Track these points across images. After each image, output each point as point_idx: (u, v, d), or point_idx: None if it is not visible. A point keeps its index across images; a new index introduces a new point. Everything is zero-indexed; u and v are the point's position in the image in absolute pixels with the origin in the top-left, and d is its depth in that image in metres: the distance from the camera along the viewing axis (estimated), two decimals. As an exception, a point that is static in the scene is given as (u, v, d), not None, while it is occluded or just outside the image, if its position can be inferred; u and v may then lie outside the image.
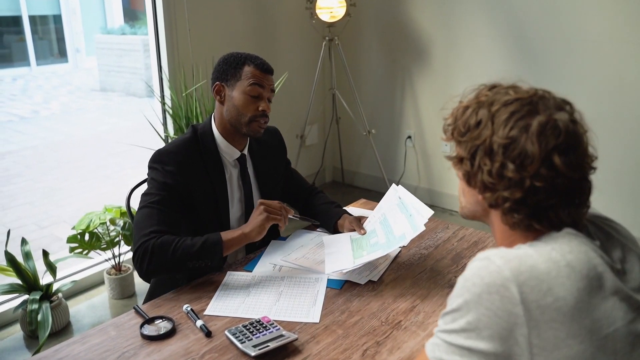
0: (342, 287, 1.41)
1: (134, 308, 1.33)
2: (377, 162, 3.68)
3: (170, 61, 2.99)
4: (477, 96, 0.86)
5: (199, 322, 1.25)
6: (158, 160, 1.48)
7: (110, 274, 2.72)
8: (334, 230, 1.67)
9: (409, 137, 3.77)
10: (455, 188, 1.51)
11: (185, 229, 1.52)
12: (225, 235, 1.42)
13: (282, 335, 1.18)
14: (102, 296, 2.77)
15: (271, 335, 1.18)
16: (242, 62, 1.53)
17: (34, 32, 10.90)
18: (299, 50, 3.74)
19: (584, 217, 0.84)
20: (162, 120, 3.06)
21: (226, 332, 1.20)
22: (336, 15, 3.34)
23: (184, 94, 2.83)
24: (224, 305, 1.34)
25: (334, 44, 3.50)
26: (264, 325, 1.22)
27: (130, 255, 2.82)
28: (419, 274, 1.48)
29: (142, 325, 1.24)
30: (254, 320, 1.23)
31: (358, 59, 3.87)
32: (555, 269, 0.74)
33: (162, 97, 3.04)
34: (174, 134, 2.91)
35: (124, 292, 2.73)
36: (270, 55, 3.59)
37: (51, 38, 11.66)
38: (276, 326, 1.22)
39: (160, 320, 1.26)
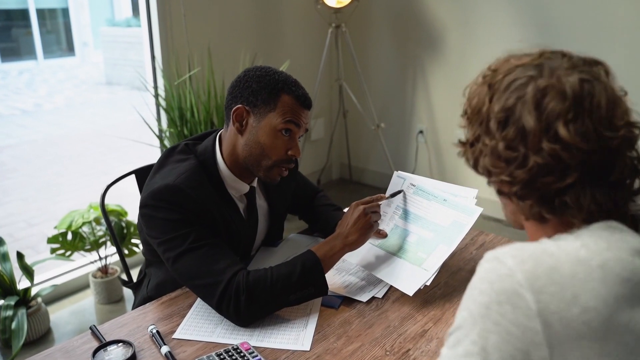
0: (339, 307, 1.19)
1: (91, 328, 1.12)
2: (386, 158, 3.45)
3: (163, 48, 2.77)
4: (484, 70, 0.76)
5: (165, 349, 1.04)
6: (165, 199, 1.16)
7: (96, 277, 2.52)
8: (332, 237, 1.44)
9: (421, 131, 3.53)
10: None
11: None
12: (320, 251, 1.18)
13: (262, 369, 0.96)
14: (87, 301, 2.57)
15: (249, 368, 0.96)
16: (279, 87, 1.20)
17: (41, 25, 10.80)
18: (303, 37, 3.51)
19: (627, 204, 0.68)
20: (155, 114, 2.85)
21: (195, 363, 0.99)
22: (343, 0, 3.11)
23: (175, 82, 2.61)
24: (197, 327, 1.12)
25: (341, 31, 3.27)
26: (242, 353, 1.01)
27: (117, 257, 2.62)
28: (431, 290, 1.25)
29: (94, 353, 1.03)
30: (230, 348, 1.02)
31: (367, 48, 3.63)
32: (584, 270, 0.60)
33: (156, 88, 2.82)
34: (167, 128, 2.70)
35: (110, 296, 2.53)
36: (271, 42, 3.39)
37: (59, 31, 11.56)
38: (256, 355, 1.00)
39: (117, 346, 1.05)
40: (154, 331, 1.09)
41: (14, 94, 8.37)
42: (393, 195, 1.34)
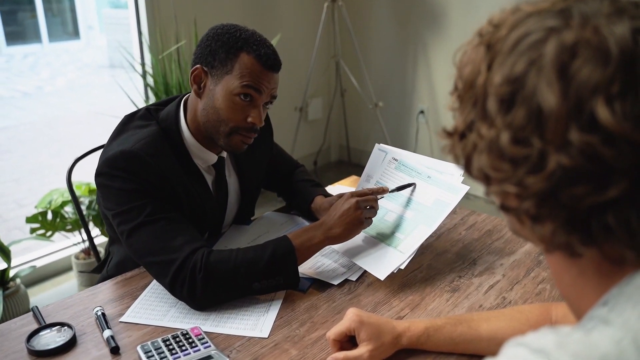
0: (308, 290, 1.08)
1: (32, 310, 1.02)
2: (385, 140, 3.32)
3: (150, 24, 2.66)
4: (482, 26, 0.52)
5: (107, 333, 0.94)
6: (121, 167, 1.05)
7: (78, 259, 2.43)
8: (309, 215, 1.32)
9: (422, 111, 3.39)
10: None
11: None
12: (297, 239, 1.06)
13: (209, 357, 0.85)
14: (70, 283, 2.49)
15: (196, 356, 0.86)
16: (239, 46, 1.07)
17: (46, 9, 10.70)
18: (296, 11, 3.34)
19: None
20: (143, 93, 2.75)
21: (138, 349, 0.89)
22: (340, -28, 2.96)
23: (160, 56, 2.50)
24: (148, 310, 1.02)
25: (338, 6, 3.12)
26: (191, 340, 0.90)
27: (102, 239, 2.53)
28: (411, 272, 1.13)
29: (30, 336, 0.93)
30: (179, 333, 0.92)
31: (365, 23, 3.48)
32: None
33: (143, 65, 2.71)
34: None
35: (93, 278, 2.43)
36: (262, 15, 3.22)
37: (64, 15, 11.47)
38: (206, 342, 0.89)
39: (54, 329, 0.95)
40: (99, 313, 0.99)
41: (16, 77, 8.29)
42: (400, 188, 1.17)
